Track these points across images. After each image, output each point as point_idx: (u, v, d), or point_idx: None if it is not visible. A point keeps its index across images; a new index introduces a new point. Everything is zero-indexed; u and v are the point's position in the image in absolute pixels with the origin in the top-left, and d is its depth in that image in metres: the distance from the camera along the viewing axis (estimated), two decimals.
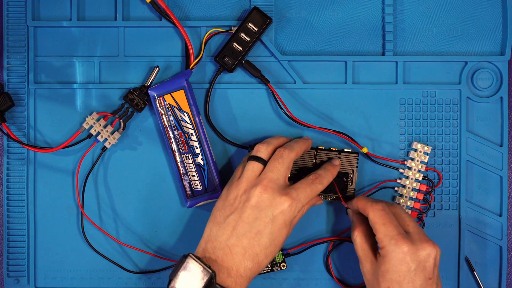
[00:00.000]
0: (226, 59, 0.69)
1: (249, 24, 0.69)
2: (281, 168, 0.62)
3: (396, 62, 0.71)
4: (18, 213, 0.71)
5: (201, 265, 0.58)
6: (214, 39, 0.71)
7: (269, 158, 0.64)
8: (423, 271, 0.60)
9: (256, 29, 0.69)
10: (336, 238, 0.71)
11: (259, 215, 0.60)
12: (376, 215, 0.62)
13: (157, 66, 0.70)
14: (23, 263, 0.71)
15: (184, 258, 0.59)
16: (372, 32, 0.72)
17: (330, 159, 0.69)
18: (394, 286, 0.60)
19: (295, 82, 0.71)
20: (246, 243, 0.60)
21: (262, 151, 0.64)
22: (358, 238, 0.64)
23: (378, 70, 0.71)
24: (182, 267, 0.59)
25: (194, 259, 0.59)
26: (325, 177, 0.65)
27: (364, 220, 0.65)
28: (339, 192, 0.67)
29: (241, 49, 0.69)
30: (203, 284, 0.58)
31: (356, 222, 0.66)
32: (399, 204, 0.70)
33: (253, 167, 0.63)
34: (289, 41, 0.72)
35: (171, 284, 0.59)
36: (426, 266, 0.60)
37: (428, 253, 0.60)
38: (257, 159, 0.63)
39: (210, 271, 0.58)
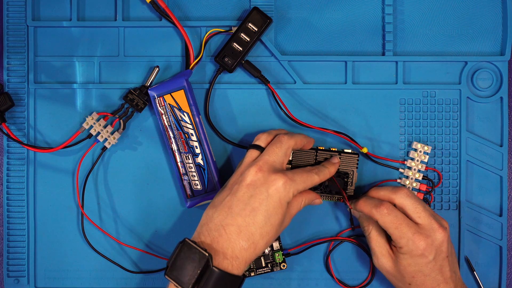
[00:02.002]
0: (226, 59, 0.69)
1: (249, 24, 0.69)
2: (278, 152, 0.63)
3: (396, 62, 0.71)
4: (18, 213, 0.71)
5: (196, 248, 0.58)
6: (214, 39, 0.71)
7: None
8: (440, 254, 0.63)
9: (256, 29, 0.69)
10: (336, 238, 0.71)
11: (253, 193, 0.60)
12: (386, 221, 0.63)
13: (157, 66, 0.70)
14: (23, 263, 0.71)
15: (179, 243, 0.59)
16: (372, 32, 0.72)
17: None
18: (418, 275, 0.64)
19: (295, 82, 0.71)
20: (241, 221, 0.59)
21: (261, 139, 0.65)
22: (373, 233, 0.66)
23: (378, 70, 0.71)
24: (177, 253, 0.59)
25: (190, 243, 0.59)
26: (323, 171, 0.65)
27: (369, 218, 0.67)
28: (343, 191, 0.67)
29: (241, 49, 0.69)
30: (200, 268, 0.57)
31: (364, 218, 0.67)
32: (403, 186, 0.70)
33: (251, 154, 0.64)
34: (289, 41, 0.72)
35: (168, 271, 0.59)
36: (442, 249, 0.63)
37: (441, 239, 0.63)
38: (256, 147, 0.64)
39: (206, 254, 0.57)
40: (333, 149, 0.69)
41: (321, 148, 0.69)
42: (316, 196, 0.67)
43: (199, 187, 0.69)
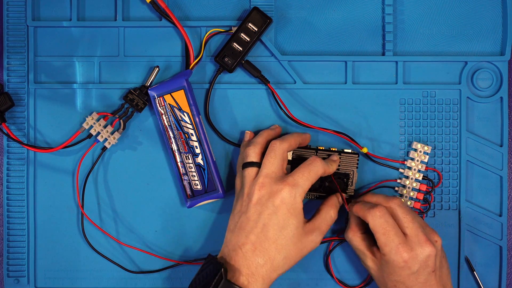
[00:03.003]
0: (226, 59, 0.69)
1: (249, 24, 0.69)
2: (274, 161, 0.63)
3: (396, 62, 0.71)
4: (18, 213, 0.71)
5: (213, 262, 0.59)
6: (214, 39, 0.71)
7: (260, 158, 0.65)
8: (425, 269, 0.62)
9: (256, 29, 0.69)
10: (336, 238, 0.71)
11: (262, 210, 0.61)
12: (376, 224, 0.62)
13: (157, 66, 0.70)
14: (23, 263, 0.71)
15: (205, 259, 0.61)
16: (372, 32, 0.72)
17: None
18: (400, 286, 0.62)
19: (295, 82, 0.71)
20: (254, 239, 0.60)
21: (251, 154, 0.65)
22: (354, 240, 0.65)
23: (378, 70, 0.71)
24: (200, 269, 0.61)
25: (208, 258, 0.60)
26: (321, 161, 0.64)
27: (360, 220, 0.66)
28: (342, 194, 0.67)
29: (241, 49, 0.69)
30: (215, 279, 0.58)
31: (352, 223, 0.66)
32: (399, 196, 0.70)
33: (249, 173, 0.64)
34: (289, 41, 0.72)
35: (191, 284, 0.61)
36: (428, 264, 0.62)
37: (428, 253, 0.61)
38: (250, 164, 0.64)
39: (221, 267, 0.58)
40: (333, 149, 0.69)
41: (321, 148, 0.69)
42: (337, 198, 0.67)
43: (199, 187, 0.69)
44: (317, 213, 0.65)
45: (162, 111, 0.68)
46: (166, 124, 0.68)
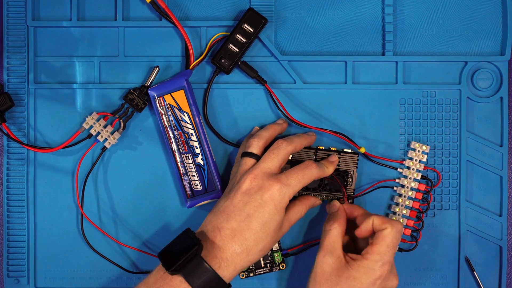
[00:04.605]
0: (223, 61, 0.69)
1: (245, 25, 0.69)
2: (274, 158, 0.63)
3: (396, 62, 0.71)
4: (18, 213, 0.71)
5: (191, 236, 0.59)
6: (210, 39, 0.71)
7: (262, 152, 0.65)
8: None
9: (252, 30, 0.69)
10: None
11: (249, 200, 0.61)
12: (393, 236, 0.62)
13: (157, 66, 0.70)
14: (23, 263, 0.71)
15: (182, 232, 0.61)
16: (372, 32, 0.72)
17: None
18: None
19: (295, 82, 0.71)
20: (236, 226, 0.60)
21: (253, 145, 0.65)
22: (335, 231, 0.64)
23: (378, 70, 0.71)
24: (175, 238, 0.60)
25: (187, 232, 0.60)
26: (319, 165, 0.64)
27: (346, 218, 0.66)
28: (343, 188, 0.67)
29: (237, 50, 0.69)
30: (189, 253, 0.58)
31: (339, 216, 0.65)
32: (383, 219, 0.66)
33: (245, 162, 0.64)
34: (289, 41, 0.72)
35: (160, 252, 0.60)
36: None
37: (393, 286, 0.63)
38: (249, 154, 0.64)
39: (197, 243, 0.58)
40: (333, 149, 0.69)
41: (321, 147, 0.69)
42: (315, 200, 0.67)
43: (199, 187, 0.69)
44: (292, 207, 0.65)
45: (162, 111, 0.68)
46: (166, 124, 0.68)
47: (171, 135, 0.68)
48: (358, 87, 0.71)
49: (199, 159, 0.69)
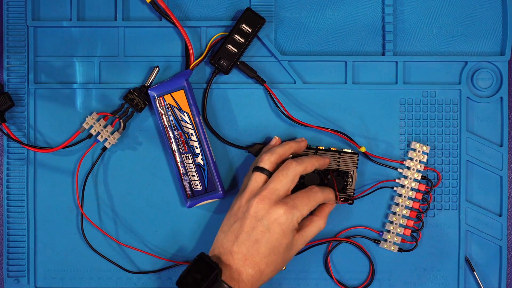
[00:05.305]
0: (222, 61, 0.69)
1: (243, 25, 0.69)
2: (284, 180, 0.63)
3: (396, 62, 0.71)
4: (18, 213, 0.71)
5: (208, 261, 0.60)
6: (209, 39, 0.71)
7: (274, 168, 0.65)
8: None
9: (250, 30, 0.69)
10: (335, 239, 0.71)
11: (256, 225, 0.61)
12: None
13: (157, 66, 0.70)
14: (23, 263, 0.71)
15: (196, 257, 0.61)
16: (372, 32, 0.72)
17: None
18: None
19: (295, 82, 0.71)
20: (246, 251, 0.61)
21: (265, 161, 0.64)
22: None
23: (378, 70, 0.71)
24: (192, 264, 0.61)
25: (202, 257, 0.61)
26: (321, 191, 0.65)
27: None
28: (337, 192, 0.67)
29: (235, 50, 0.69)
30: (210, 278, 0.59)
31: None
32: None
33: (256, 178, 0.64)
34: (289, 41, 0.72)
35: (178, 280, 0.60)
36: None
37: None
38: (261, 169, 0.64)
39: (216, 267, 0.59)
40: (333, 149, 0.69)
41: (321, 147, 0.69)
42: (332, 206, 0.67)
43: (199, 187, 0.69)
44: (308, 223, 0.65)
45: (162, 111, 0.68)
46: (166, 124, 0.68)
47: (171, 135, 0.68)
48: (358, 87, 0.71)
49: (199, 159, 0.69)
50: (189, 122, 0.68)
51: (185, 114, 0.68)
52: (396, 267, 0.71)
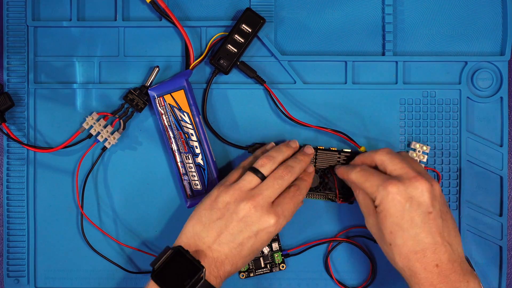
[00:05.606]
0: (222, 61, 0.69)
1: (243, 25, 0.69)
2: (278, 189, 0.63)
3: (396, 62, 0.71)
4: (18, 213, 0.71)
5: (191, 258, 0.60)
6: (209, 39, 0.71)
7: (269, 174, 0.64)
8: (419, 207, 0.59)
9: (250, 30, 0.69)
10: (335, 239, 0.71)
11: (244, 229, 0.61)
12: (357, 177, 0.63)
13: (157, 66, 0.70)
14: (23, 263, 0.71)
15: (168, 249, 0.61)
16: (372, 32, 0.72)
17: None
18: (395, 229, 0.59)
19: (295, 82, 0.71)
20: (228, 251, 0.61)
21: (266, 167, 0.64)
22: (360, 195, 0.64)
23: (378, 70, 0.71)
24: (169, 258, 0.60)
25: (182, 252, 0.60)
26: (304, 187, 0.65)
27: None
28: (337, 188, 0.68)
29: (235, 50, 0.69)
30: (193, 279, 0.59)
31: (355, 186, 0.65)
32: (386, 148, 0.65)
33: (250, 179, 0.63)
34: (289, 41, 0.72)
35: (155, 275, 0.60)
36: (421, 201, 0.59)
37: (420, 188, 0.59)
38: (257, 172, 0.64)
39: (201, 268, 0.59)
40: (333, 149, 0.69)
41: (321, 147, 0.69)
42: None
43: (199, 187, 0.69)
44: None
45: (162, 111, 0.68)
46: (166, 124, 0.68)
47: (171, 135, 0.68)
48: (358, 87, 0.71)
49: (199, 159, 0.69)
50: (189, 122, 0.68)
51: (185, 114, 0.68)
52: None
